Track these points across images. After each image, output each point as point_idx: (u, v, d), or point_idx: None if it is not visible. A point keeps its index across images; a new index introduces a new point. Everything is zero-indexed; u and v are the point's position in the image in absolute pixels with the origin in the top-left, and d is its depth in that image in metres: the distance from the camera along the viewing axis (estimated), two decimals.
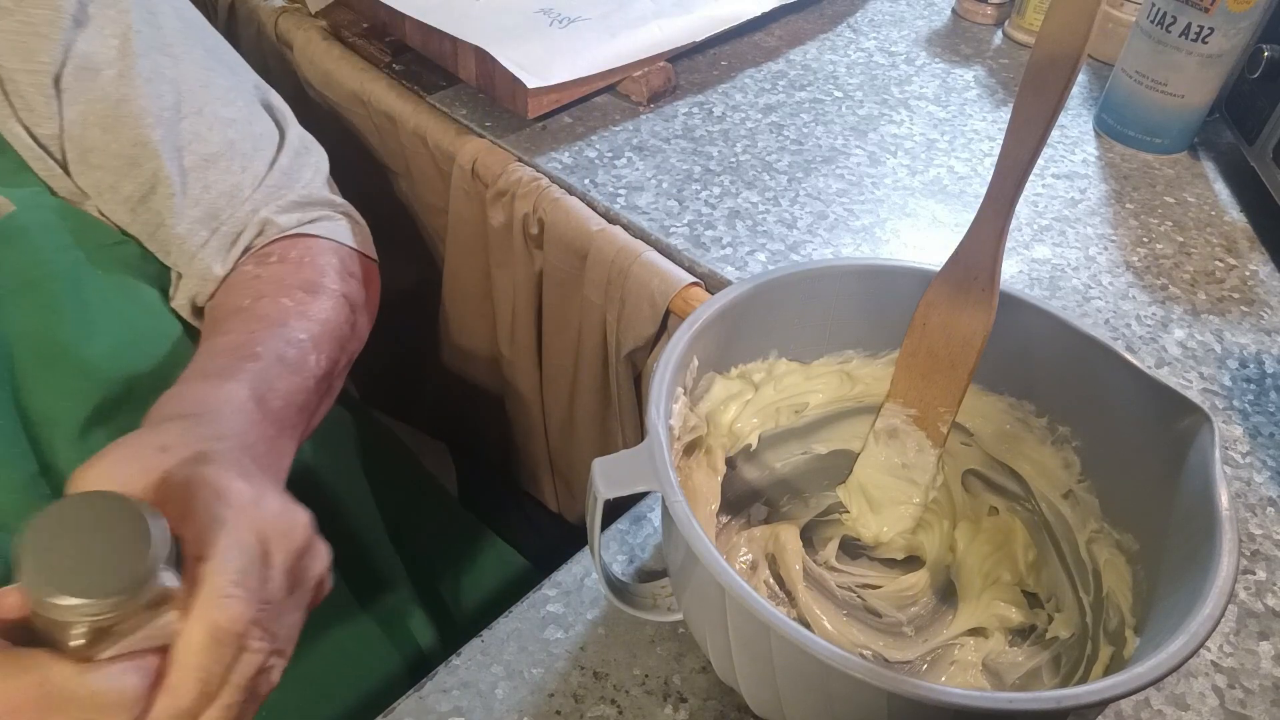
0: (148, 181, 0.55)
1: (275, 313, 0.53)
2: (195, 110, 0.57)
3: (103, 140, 0.53)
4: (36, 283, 0.51)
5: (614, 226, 0.68)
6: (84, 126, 0.53)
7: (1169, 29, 0.72)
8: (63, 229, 0.53)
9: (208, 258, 0.57)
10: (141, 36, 0.54)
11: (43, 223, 0.52)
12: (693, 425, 0.46)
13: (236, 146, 0.58)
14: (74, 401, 0.52)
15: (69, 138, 0.53)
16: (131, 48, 0.53)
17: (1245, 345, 0.63)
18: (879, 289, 0.48)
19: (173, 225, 0.56)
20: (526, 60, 0.73)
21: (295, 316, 0.54)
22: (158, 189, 0.55)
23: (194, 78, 0.57)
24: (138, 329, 0.55)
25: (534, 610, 0.48)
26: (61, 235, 0.53)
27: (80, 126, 0.53)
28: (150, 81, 0.54)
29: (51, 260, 0.52)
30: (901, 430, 0.50)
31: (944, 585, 0.51)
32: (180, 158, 0.56)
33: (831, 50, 0.89)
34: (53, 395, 0.52)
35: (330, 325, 0.56)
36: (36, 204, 0.52)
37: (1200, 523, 0.37)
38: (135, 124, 0.54)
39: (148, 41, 0.55)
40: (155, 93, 0.54)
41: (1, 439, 0.50)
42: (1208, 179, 0.78)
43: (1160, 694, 0.46)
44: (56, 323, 0.52)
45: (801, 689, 0.36)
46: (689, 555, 0.36)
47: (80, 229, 0.54)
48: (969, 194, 0.73)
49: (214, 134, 0.57)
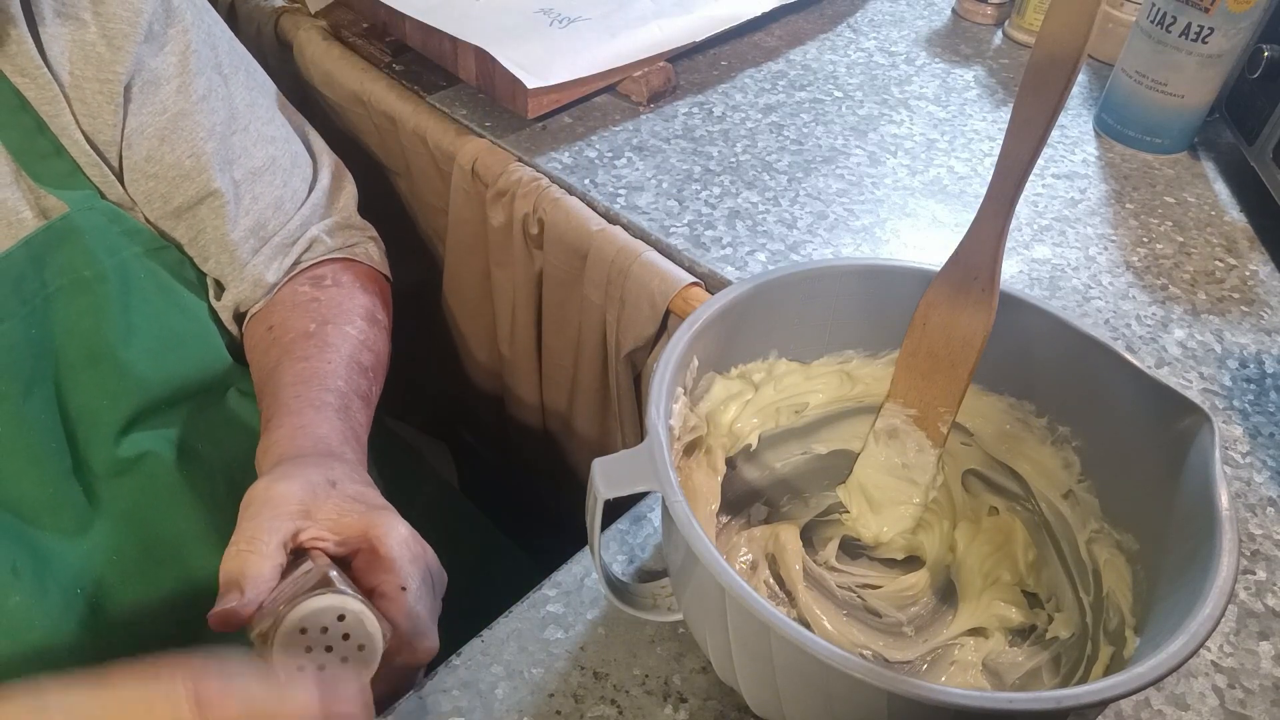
0: (199, 192, 0.58)
1: (343, 343, 0.58)
2: (243, 127, 0.60)
3: (159, 150, 0.56)
4: (86, 283, 0.53)
5: (614, 226, 0.68)
6: (143, 136, 0.56)
7: (1169, 29, 0.72)
8: (112, 232, 0.55)
9: (260, 265, 0.60)
10: (199, 55, 0.58)
11: (94, 225, 0.54)
12: (693, 425, 0.46)
13: (278, 162, 0.62)
14: (113, 402, 0.54)
15: (128, 145, 0.55)
16: (189, 65, 0.57)
17: (1245, 345, 0.63)
18: (879, 289, 0.48)
19: (227, 233, 0.59)
20: (526, 60, 0.73)
21: (359, 348, 0.59)
22: (207, 200, 0.58)
23: (241, 97, 0.61)
24: (178, 333, 0.58)
25: (534, 610, 0.48)
26: (111, 238, 0.54)
27: (140, 136, 0.56)
28: (205, 99, 0.58)
29: (101, 261, 0.54)
30: (901, 430, 0.50)
31: (944, 585, 0.51)
32: (231, 170, 0.59)
33: (831, 50, 0.89)
34: (93, 394, 0.54)
35: (382, 357, 0.61)
36: (88, 206, 0.54)
37: (1200, 523, 0.37)
38: (191, 136, 0.57)
39: (204, 60, 0.58)
40: (210, 108, 0.58)
41: (41, 433, 0.52)
42: (1208, 179, 0.78)
43: (1160, 694, 0.46)
44: (103, 323, 0.53)
45: (801, 689, 0.36)
46: (689, 555, 0.36)
47: (128, 233, 0.56)
48: (969, 194, 0.73)
49: (259, 150, 0.61)
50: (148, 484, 0.55)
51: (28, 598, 0.50)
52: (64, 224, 0.52)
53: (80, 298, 0.53)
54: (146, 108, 0.55)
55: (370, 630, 0.39)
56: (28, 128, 0.52)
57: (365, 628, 0.39)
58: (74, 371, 0.53)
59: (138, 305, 0.55)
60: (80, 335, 0.53)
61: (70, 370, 0.53)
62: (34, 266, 0.52)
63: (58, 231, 0.52)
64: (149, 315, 0.56)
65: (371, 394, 0.58)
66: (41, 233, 0.52)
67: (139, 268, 0.56)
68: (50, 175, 0.53)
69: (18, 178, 0.52)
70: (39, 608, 0.50)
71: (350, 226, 0.66)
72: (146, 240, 0.57)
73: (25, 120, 0.52)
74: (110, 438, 0.54)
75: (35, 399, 0.52)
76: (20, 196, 0.52)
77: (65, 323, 0.53)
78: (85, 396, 0.54)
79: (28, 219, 0.52)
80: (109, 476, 0.54)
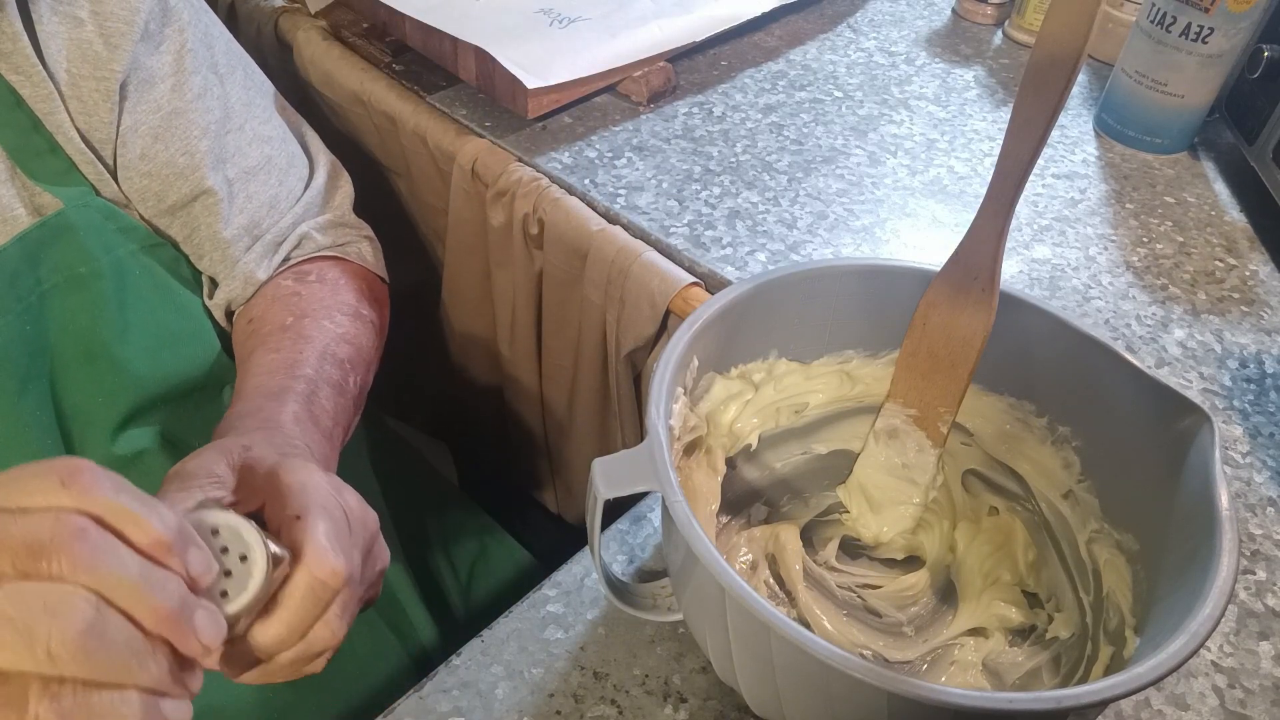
0: (193, 190, 0.58)
1: (319, 335, 0.57)
2: (239, 126, 0.61)
3: (154, 148, 0.56)
4: (82, 279, 0.53)
5: (614, 226, 0.68)
6: (137, 134, 0.56)
7: (1169, 29, 0.73)
8: (107, 229, 0.55)
9: (251, 263, 0.60)
10: (195, 55, 0.58)
11: (89, 222, 0.54)
12: (693, 425, 0.46)
13: (274, 162, 0.62)
14: (109, 399, 0.54)
15: (123, 143, 0.56)
16: (185, 64, 0.57)
17: (1245, 345, 0.63)
18: (879, 289, 0.48)
19: (220, 231, 0.59)
20: (526, 60, 0.73)
21: (336, 341, 0.58)
22: (200, 198, 0.58)
23: (237, 97, 0.61)
24: (174, 330, 0.58)
25: (534, 610, 0.48)
26: (106, 235, 0.55)
27: (134, 134, 0.56)
28: (200, 97, 0.58)
29: (97, 258, 0.54)
30: (901, 430, 0.50)
31: (944, 585, 0.51)
32: (225, 169, 0.59)
33: (831, 50, 0.89)
34: (89, 391, 0.54)
35: (364, 350, 0.60)
36: (83, 204, 0.54)
37: (1200, 523, 0.37)
38: (185, 135, 0.57)
39: (200, 60, 0.59)
40: (205, 107, 0.58)
41: (37, 430, 0.52)
42: (1208, 179, 0.78)
43: (1160, 694, 0.46)
44: (98, 320, 0.54)
45: (801, 689, 0.36)
46: (689, 555, 0.36)
47: (123, 230, 0.56)
48: (969, 194, 0.73)
49: (254, 149, 0.61)
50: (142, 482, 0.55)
51: None
52: (58, 220, 0.52)
53: (75, 294, 0.53)
54: (141, 106, 0.56)
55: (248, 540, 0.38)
56: (22, 125, 0.52)
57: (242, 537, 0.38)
58: (69, 369, 0.53)
59: (133, 302, 0.55)
60: (75, 332, 0.53)
61: (65, 367, 0.53)
62: (28, 263, 0.52)
63: (52, 228, 0.52)
64: (144, 312, 0.56)
65: (347, 384, 0.57)
66: (36, 229, 0.52)
67: (134, 265, 0.56)
68: (45, 172, 0.53)
69: (12, 175, 0.52)
70: None
71: (344, 225, 0.66)
72: (142, 237, 0.57)
73: (20, 118, 0.52)
74: (105, 435, 0.54)
75: (30, 396, 0.52)
76: (14, 194, 0.52)
77: (60, 320, 0.53)
78: (80, 394, 0.54)
79: (21, 216, 0.52)
80: None
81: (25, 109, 0.52)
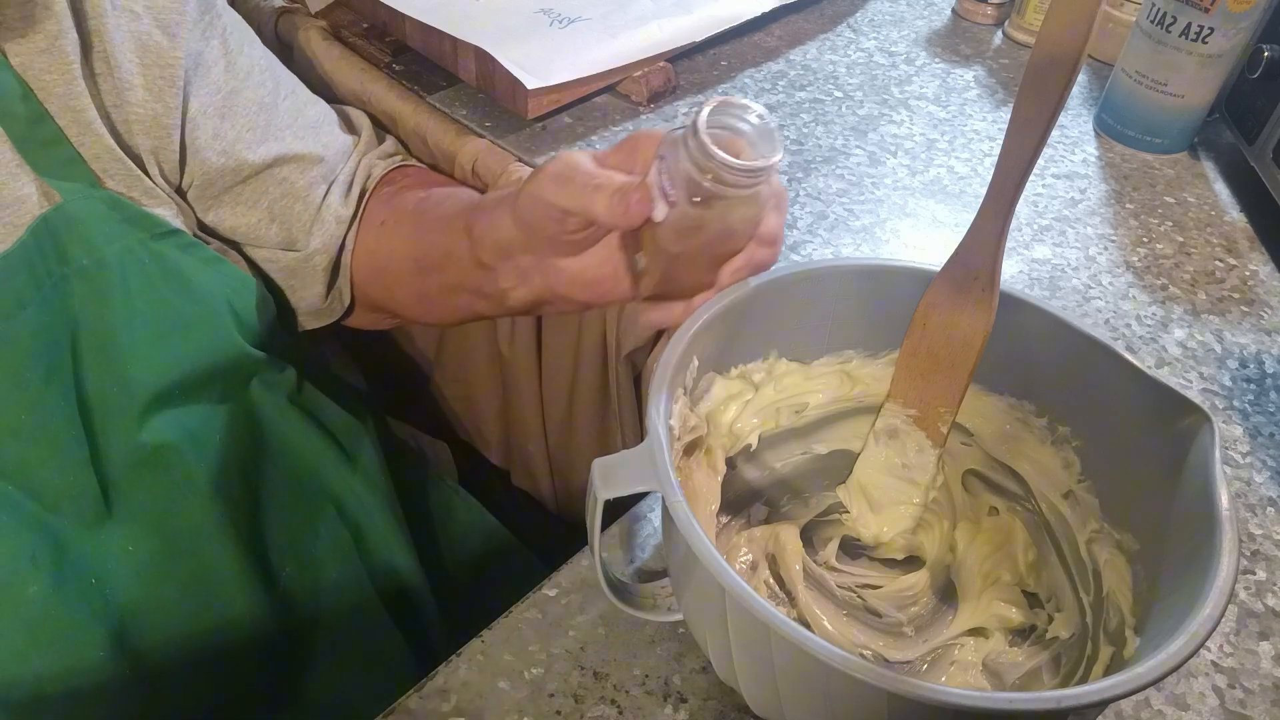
0: (265, 157, 0.62)
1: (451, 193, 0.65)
2: (290, 91, 0.65)
3: (223, 127, 0.60)
4: (88, 271, 0.53)
5: None
6: (206, 116, 0.59)
7: (1169, 29, 0.73)
8: (112, 219, 0.55)
9: (335, 203, 0.65)
10: (234, 35, 0.62)
11: (92, 213, 0.54)
12: (693, 425, 0.46)
13: (328, 115, 0.68)
14: (124, 389, 0.54)
15: (194, 127, 0.59)
16: (230, 45, 0.61)
17: (1245, 345, 0.63)
18: (879, 289, 0.48)
19: (300, 184, 0.64)
20: (526, 60, 0.73)
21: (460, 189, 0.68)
22: (275, 162, 0.63)
23: (281, 69, 0.66)
24: (185, 318, 0.57)
25: (534, 610, 0.48)
26: (111, 225, 0.55)
27: (204, 116, 0.59)
28: (250, 74, 0.62)
29: (102, 249, 0.54)
30: (901, 430, 0.50)
31: (944, 585, 0.51)
32: (291, 130, 0.64)
33: (831, 50, 0.89)
34: (105, 382, 0.54)
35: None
36: (85, 195, 0.54)
37: (1200, 523, 0.37)
38: (247, 109, 0.61)
39: (241, 39, 0.62)
40: (258, 82, 0.62)
41: (61, 421, 0.53)
42: (1208, 179, 0.78)
43: (1160, 694, 0.46)
44: (105, 310, 0.54)
45: (801, 689, 0.36)
46: (689, 555, 0.36)
47: (129, 219, 0.56)
48: (969, 194, 0.73)
49: (308, 109, 0.66)
50: (165, 475, 0.55)
51: (45, 588, 0.50)
52: (55, 215, 0.52)
53: (83, 285, 0.53)
54: (203, 90, 0.58)
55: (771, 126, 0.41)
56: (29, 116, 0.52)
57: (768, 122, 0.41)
58: (86, 359, 0.53)
59: (141, 291, 0.55)
60: (88, 323, 0.53)
61: (83, 358, 0.53)
62: (43, 255, 0.52)
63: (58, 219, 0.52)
64: (153, 301, 0.55)
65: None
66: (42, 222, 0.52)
67: (142, 253, 0.55)
68: (48, 163, 0.53)
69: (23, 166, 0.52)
70: (56, 598, 0.51)
71: (396, 153, 0.73)
72: (151, 226, 0.57)
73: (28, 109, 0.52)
74: (127, 427, 0.54)
75: (54, 387, 0.52)
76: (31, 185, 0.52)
77: (75, 310, 0.53)
78: (98, 384, 0.54)
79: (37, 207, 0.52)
80: (127, 466, 0.54)
81: (33, 100, 0.52)
